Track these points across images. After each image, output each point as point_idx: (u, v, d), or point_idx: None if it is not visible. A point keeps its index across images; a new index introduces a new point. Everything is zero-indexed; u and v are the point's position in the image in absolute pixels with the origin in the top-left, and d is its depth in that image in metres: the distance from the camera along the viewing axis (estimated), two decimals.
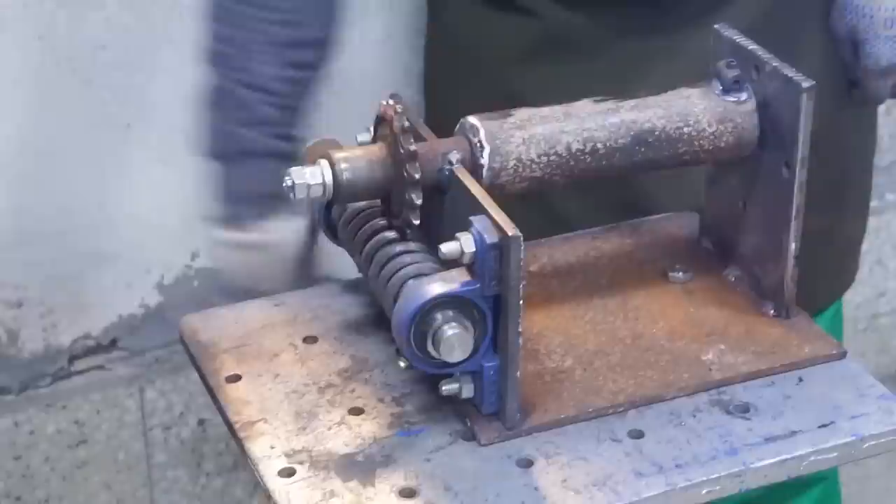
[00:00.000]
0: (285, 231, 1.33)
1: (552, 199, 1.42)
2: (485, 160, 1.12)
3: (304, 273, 1.34)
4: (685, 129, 1.17)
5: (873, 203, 2.28)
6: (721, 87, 1.18)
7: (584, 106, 1.16)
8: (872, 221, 2.30)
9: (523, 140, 1.14)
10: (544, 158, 1.14)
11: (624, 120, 1.16)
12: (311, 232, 1.33)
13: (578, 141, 1.15)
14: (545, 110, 1.15)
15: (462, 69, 1.53)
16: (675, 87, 1.18)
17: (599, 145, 1.15)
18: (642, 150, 1.16)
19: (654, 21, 1.42)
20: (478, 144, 1.13)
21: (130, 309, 1.92)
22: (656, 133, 1.16)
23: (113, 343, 1.94)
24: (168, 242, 1.90)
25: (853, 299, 2.36)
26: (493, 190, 1.12)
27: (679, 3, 1.41)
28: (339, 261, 1.29)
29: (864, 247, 2.29)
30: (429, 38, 1.67)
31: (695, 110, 1.17)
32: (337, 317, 1.25)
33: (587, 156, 1.15)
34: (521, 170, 1.13)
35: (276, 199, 1.28)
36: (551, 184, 1.16)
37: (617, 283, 1.27)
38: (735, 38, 1.20)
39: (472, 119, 1.14)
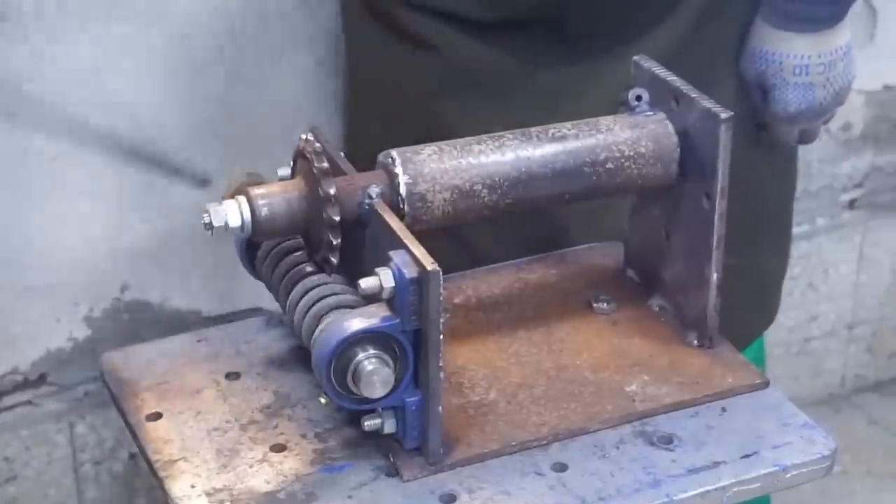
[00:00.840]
0: None
1: (472, 236, 1.41)
2: (398, 168, 1.12)
3: None
4: (599, 136, 1.17)
5: (805, 228, 2.31)
6: (628, 108, 1.19)
7: (493, 133, 1.17)
8: (804, 246, 2.32)
9: (434, 151, 1.14)
10: (462, 161, 1.14)
11: (536, 134, 1.17)
12: None
13: (493, 149, 1.15)
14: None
15: (378, 104, 1.53)
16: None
17: (513, 148, 1.15)
18: (561, 157, 1.16)
19: (565, 54, 1.42)
20: (391, 160, 1.13)
21: (59, 343, 1.90)
22: (570, 142, 1.16)
23: (41, 378, 1.92)
24: (97, 275, 1.88)
25: (785, 323, 2.37)
26: (418, 210, 1.12)
27: (586, 35, 1.41)
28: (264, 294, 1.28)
29: (797, 270, 2.32)
30: (347, 72, 1.66)
31: (605, 121, 1.19)
32: (260, 352, 1.24)
33: (506, 165, 1.15)
34: (438, 176, 1.13)
35: None
36: (476, 196, 1.14)
37: (542, 315, 1.27)
38: (654, 69, 1.20)
39: (388, 150, 1.14)
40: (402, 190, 1.12)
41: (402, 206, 1.12)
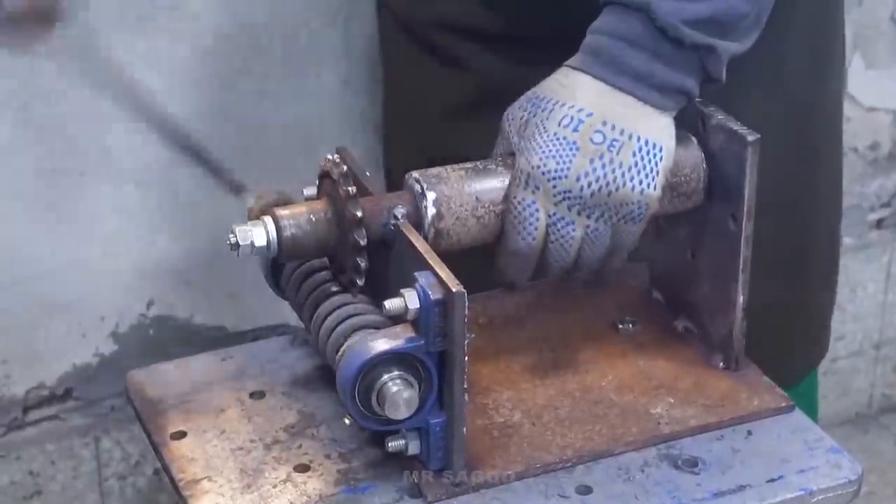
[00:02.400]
0: None
1: None
2: (423, 189, 1.12)
3: None
4: None
5: None
6: None
7: None
8: None
9: (459, 172, 1.14)
10: (487, 183, 1.14)
11: None
12: None
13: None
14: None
15: (412, 120, 1.53)
16: None
17: None
18: None
19: None
20: (416, 182, 1.13)
21: (85, 358, 1.91)
22: None
23: (67, 393, 1.93)
24: (122, 291, 1.88)
25: None
26: (443, 231, 1.12)
27: None
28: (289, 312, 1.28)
29: None
30: (385, 89, 1.67)
31: None
32: (284, 371, 1.24)
33: None
34: (463, 197, 1.13)
35: None
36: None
37: (566, 336, 1.26)
38: None
39: (413, 171, 1.14)
40: (427, 211, 1.12)
41: (427, 227, 1.12)
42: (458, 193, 1.13)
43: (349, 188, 1.09)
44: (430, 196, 1.12)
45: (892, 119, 2.31)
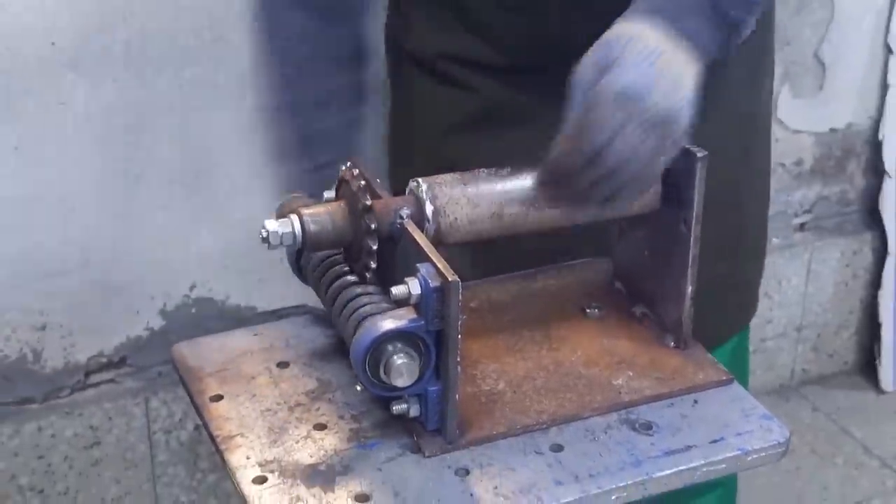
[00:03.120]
0: None
1: (487, 250, 1.39)
2: (425, 193, 1.11)
3: None
4: None
5: None
6: None
7: (507, 166, 1.15)
8: None
9: (456, 179, 1.13)
10: (479, 188, 1.12)
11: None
12: None
13: (506, 179, 1.14)
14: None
15: (414, 136, 1.51)
16: None
17: (524, 178, 1.14)
18: None
19: None
20: (419, 187, 1.12)
21: (137, 331, 1.90)
22: None
23: (122, 360, 1.92)
24: (170, 275, 1.87)
25: None
26: (441, 229, 1.11)
27: None
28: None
29: None
30: (391, 112, 1.64)
31: None
32: (306, 345, 1.22)
33: (518, 192, 1.13)
34: (459, 201, 1.11)
35: None
36: (491, 218, 1.13)
37: (542, 318, 1.25)
38: None
39: (417, 178, 1.13)
40: (428, 212, 1.11)
41: (427, 225, 1.11)
42: (456, 197, 1.12)
43: (366, 201, 1.07)
44: (431, 199, 1.11)
45: (814, 140, 2.31)
